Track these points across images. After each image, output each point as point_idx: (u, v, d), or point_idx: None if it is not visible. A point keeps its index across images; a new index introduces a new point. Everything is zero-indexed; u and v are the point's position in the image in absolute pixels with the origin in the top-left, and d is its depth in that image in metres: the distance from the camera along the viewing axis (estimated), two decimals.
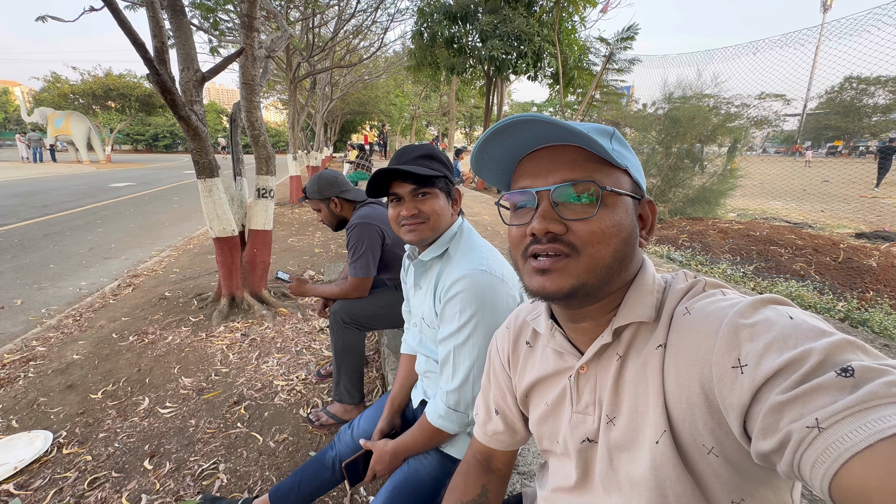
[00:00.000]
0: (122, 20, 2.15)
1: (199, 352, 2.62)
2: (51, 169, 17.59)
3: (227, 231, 3.03)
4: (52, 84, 22.60)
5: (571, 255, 0.50)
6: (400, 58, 13.28)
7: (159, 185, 12.48)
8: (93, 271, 4.50)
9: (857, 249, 4.05)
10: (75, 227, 6.49)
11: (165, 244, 5.71)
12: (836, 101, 22.54)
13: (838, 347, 0.37)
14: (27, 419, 2.00)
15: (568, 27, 8.20)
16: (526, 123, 0.51)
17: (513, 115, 0.50)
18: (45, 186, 11.42)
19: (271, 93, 15.91)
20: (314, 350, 2.68)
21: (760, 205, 9.68)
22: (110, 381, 2.31)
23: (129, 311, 3.28)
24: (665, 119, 6.70)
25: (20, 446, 1.79)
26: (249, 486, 1.60)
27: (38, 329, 3.02)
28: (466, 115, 27.59)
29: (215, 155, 2.97)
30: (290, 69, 7.96)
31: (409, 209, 1.04)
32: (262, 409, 2.08)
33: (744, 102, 7.00)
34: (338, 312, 1.89)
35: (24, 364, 2.51)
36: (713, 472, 0.46)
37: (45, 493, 1.56)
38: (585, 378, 0.57)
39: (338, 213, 2.06)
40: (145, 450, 1.78)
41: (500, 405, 0.75)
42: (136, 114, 24.14)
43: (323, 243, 5.58)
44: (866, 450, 0.31)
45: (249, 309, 3.18)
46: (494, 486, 0.77)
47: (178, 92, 2.52)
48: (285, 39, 3.84)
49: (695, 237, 4.82)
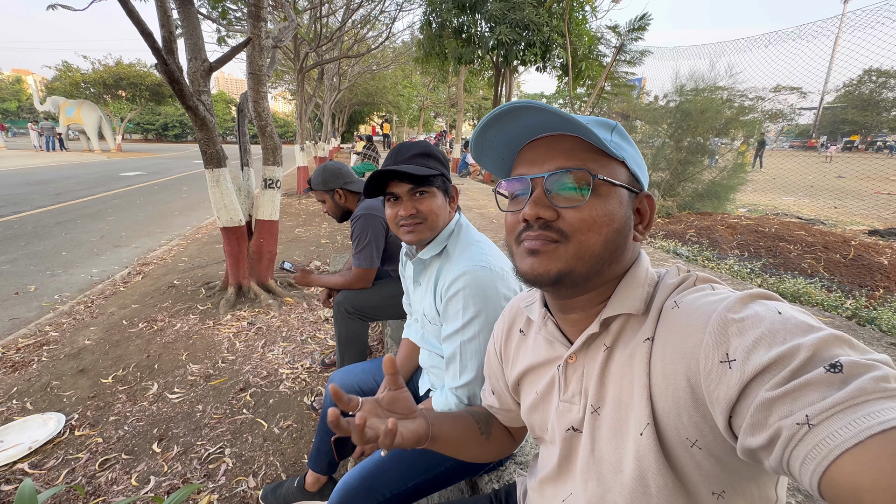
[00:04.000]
0: (131, 9, 2.16)
1: (207, 339, 2.67)
2: (63, 157, 17.82)
3: (234, 221, 3.07)
4: (64, 73, 22.84)
5: (561, 240, 0.51)
6: (408, 48, 13.18)
7: (169, 175, 12.60)
8: (104, 259, 4.59)
9: (868, 247, 3.98)
10: (87, 216, 6.59)
11: (174, 233, 5.78)
12: (855, 95, 21.95)
13: (826, 343, 0.37)
14: (41, 402, 2.06)
15: (578, 17, 8.06)
16: (522, 110, 0.51)
17: (510, 102, 0.51)
18: (57, 175, 11.59)
19: (279, 83, 15.89)
20: (319, 339, 2.71)
21: (772, 200, 9.52)
22: (120, 366, 2.37)
23: (138, 298, 3.34)
24: (676, 112, 6.58)
25: (34, 428, 1.85)
26: (254, 471, 1.64)
27: (52, 315, 3.09)
28: (475, 106, 27.34)
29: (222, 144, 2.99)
30: (298, 59, 7.93)
31: (407, 209, 1.04)
32: (267, 396, 2.12)
33: (758, 95, 6.84)
34: (342, 303, 1.91)
35: (38, 348, 2.57)
36: (696, 464, 0.46)
37: (58, 473, 1.62)
38: (573, 368, 0.58)
39: (342, 205, 2.07)
40: (154, 433, 1.84)
41: (495, 387, 0.79)
42: (147, 103, 24.31)
43: (329, 234, 5.61)
44: (857, 446, 0.31)
45: (256, 298, 3.22)
46: (499, 424, 0.82)
47: (186, 82, 2.53)
48: (293, 29, 3.83)
49: (703, 232, 4.77)
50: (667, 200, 6.28)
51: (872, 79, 21.30)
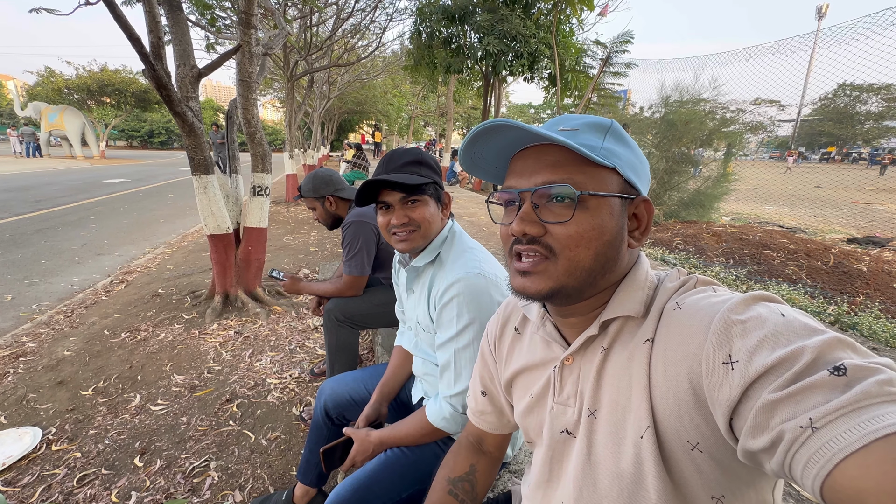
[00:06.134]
0: (118, 14, 2.14)
1: (192, 349, 2.61)
2: (44, 164, 17.40)
3: (221, 228, 3.02)
4: (46, 78, 22.35)
5: (549, 257, 0.51)
6: (398, 57, 13.27)
7: (154, 182, 12.38)
8: (85, 267, 4.46)
9: (847, 254, 4.09)
10: (68, 223, 6.42)
11: (159, 241, 5.67)
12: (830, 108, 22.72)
13: (830, 346, 0.37)
14: (16, 415, 1.98)
15: (565, 30, 8.24)
16: (501, 128, 0.51)
17: (491, 120, 0.51)
18: (38, 181, 11.29)
19: (268, 91, 15.84)
20: (308, 348, 2.67)
21: (754, 209, 9.76)
22: (101, 377, 2.29)
23: (121, 307, 3.26)
24: (662, 122, 6.74)
25: (8, 442, 1.77)
26: (241, 484, 1.60)
27: (29, 325, 2.99)
28: (464, 115, 27.62)
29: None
30: (288, 67, 7.93)
31: (400, 217, 1.03)
32: (254, 406, 2.07)
33: (739, 108, 7.05)
34: (332, 311, 1.89)
35: (14, 360, 2.48)
36: (696, 467, 0.46)
37: (34, 490, 1.55)
38: (570, 369, 0.58)
39: (333, 212, 2.06)
40: (136, 447, 1.77)
41: (487, 387, 0.77)
42: (132, 110, 23.91)
43: (318, 242, 5.56)
44: (861, 450, 0.31)
45: (243, 307, 3.17)
46: (483, 467, 0.79)
47: (174, 88, 2.50)
48: (283, 37, 3.83)
49: (689, 240, 4.86)
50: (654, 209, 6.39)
51: (847, 93, 22.10)
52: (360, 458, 1.04)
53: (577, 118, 0.54)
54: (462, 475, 0.77)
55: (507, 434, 0.80)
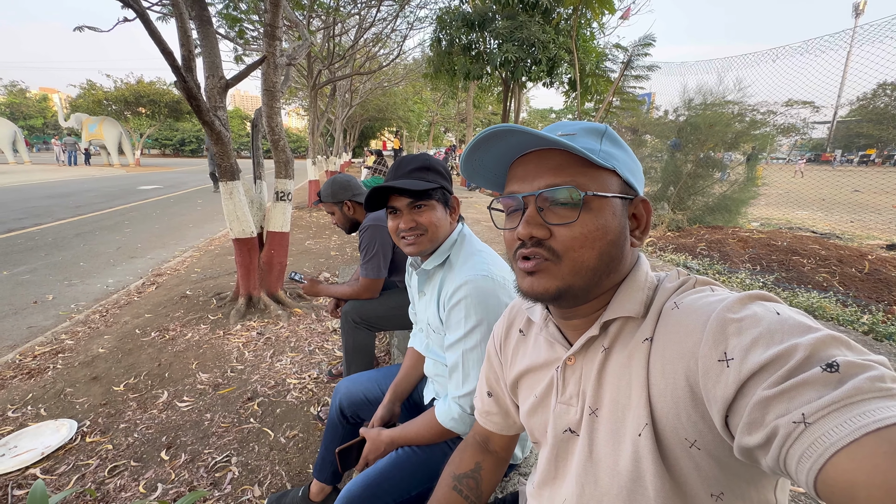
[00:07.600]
0: (153, 30, 2.27)
1: (217, 349, 2.70)
2: (83, 172, 18.38)
3: (246, 232, 3.13)
4: (88, 91, 23.73)
5: (553, 259, 0.52)
6: (419, 65, 13.46)
7: (184, 188, 12.90)
8: (119, 269, 4.69)
9: (885, 261, 3.89)
10: (104, 228, 6.77)
11: (188, 245, 5.90)
12: (869, 109, 21.69)
13: (824, 343, 0.37)
14: (54, 408, 2.10)
15: (586, 34, 8.19)
16: (505, 133, 0.53)
17: (491, 127, 0.53)
18: (78, 188, 11.94)
19: (293, 99, 16.32)
20: (326, 350, 2.73)
21: (786, 214, 9.38)
22: (132, 374, 2.41)
23: (151, 308, 3.41)
24: (685, 125, 6.58)
25: (47, 433, 1.88)
26: (260, 480, 1.65)
27: (68, 323, 3.16)
28: (484, 121, 27.69)
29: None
30: (311, 76, 8.15)
31: (407, 222, 1.07)
32: (274, 405, 2.13)
33: (769, 109, 6.80)
34: (349, 313, 1.93)
35: (54, 356, 2.63)
36: (694, 465, 0.46)
37: (69, 479, 1.64)
38: (572, 369, 0.59)
39: (350, 216, 2.11)
40: (162, 441, 1.86)
41: (493, 388, 0.78)
42: (165, 119, 25.07)
43: (339, 246, 5.67)
44: (852, 444, 0.31)
45: (266, 308, 3.26)
46: (489, 465, 0.80)
47: (203, 98, 2.62)
48: (306, 48, 3.96)
49: (713, 246, 4.72)
50: (677, 214, 6.22)
51: (887, 93, 21.05)
52: (371, 456, 1.07)
53: (573, 124, 0.56)
54: (467, 472, 0.79)
55: (513, 435, 0.81)
